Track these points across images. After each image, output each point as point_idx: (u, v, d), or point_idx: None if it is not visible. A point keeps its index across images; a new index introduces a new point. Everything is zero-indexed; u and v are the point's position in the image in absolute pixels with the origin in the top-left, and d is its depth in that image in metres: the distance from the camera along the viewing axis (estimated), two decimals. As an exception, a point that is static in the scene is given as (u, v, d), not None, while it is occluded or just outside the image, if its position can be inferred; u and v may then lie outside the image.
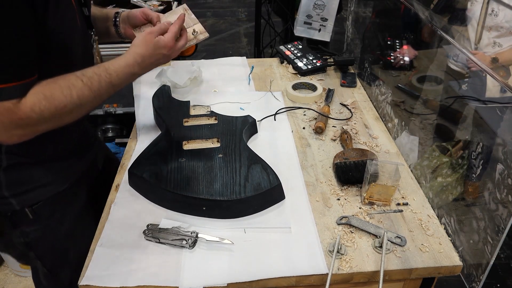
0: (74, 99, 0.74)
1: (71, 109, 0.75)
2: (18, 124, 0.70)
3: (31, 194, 0.90)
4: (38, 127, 0.73)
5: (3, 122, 0.69)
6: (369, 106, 1.35)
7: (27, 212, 0.90)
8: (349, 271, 0.80)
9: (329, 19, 1.66)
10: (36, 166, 0.89)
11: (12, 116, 0.68)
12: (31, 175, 0.89)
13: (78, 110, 0.77)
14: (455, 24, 1.03)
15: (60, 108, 0.73)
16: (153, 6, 2.48)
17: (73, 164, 0.96)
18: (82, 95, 0.75)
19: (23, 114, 0.69)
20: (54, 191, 0.92)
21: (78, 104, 0.75)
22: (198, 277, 0.78)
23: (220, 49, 4.24)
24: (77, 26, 0.83)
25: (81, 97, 0.75)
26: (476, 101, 0.93)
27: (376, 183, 0.93)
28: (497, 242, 0.76)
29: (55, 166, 0.92)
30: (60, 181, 0.93)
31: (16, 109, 0.68)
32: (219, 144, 1.05)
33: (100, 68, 0.80)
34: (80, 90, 0.75)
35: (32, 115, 0.70)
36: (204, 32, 0.97)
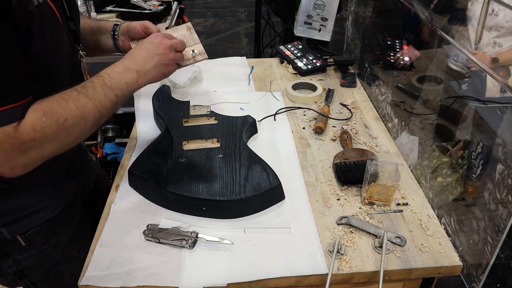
0: (73, 110, 0.68)
1: (74, 122, 0.69)
2: (21, 150, 0.64)
3: (23, 222, 0.85)
4: (43, 149, 0.67)
5: (5, 150, 0.62)
6: (369, 106, 1.35)
7: (19, 240, 0.85)
8: (349, 271, 0.80)
9: (329, 19, 1.66)
10: (28, 191, 0.84)
11: (13, 142, 0.62)
12: (23, 202, 0.84)
13: (82, 124, 0.70)
14: (455, 24, 1.03)
15: (61, 123, 0.67)
16: (153, 6, 2.48)
17: (67, 187, 0.92)
18: (81, 105, 0.70)
19: (25, 136, 0.63)
20: (48, 216, 0.88)
21: (79, 116, 0.69)
22: (198, 277, 0.78)
23: (220, 49, 4.24)
24: (64, 43, 0.78)
25: (80, 108, 0.69)
26: (476, 101, 0.93)
27: (376, 183, 0.93)
28: (497, 242, 0.76)
29: (49, 191, 0.87)
30: (54, 206, 0.89)
31: (17, 133, 0.63)
32: (219, 144, 1.05)
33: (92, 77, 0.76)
34: (76, 99, 0.70)
35: (35, 136, 0.64)
36: (204, 53, 0.95)
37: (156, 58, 0.82)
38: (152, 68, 0.81)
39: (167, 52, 0.84)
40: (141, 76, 0.80)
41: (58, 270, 0.95)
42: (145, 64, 0.81)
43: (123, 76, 0.78)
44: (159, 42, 0.84)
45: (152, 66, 0.81)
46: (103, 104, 0.73)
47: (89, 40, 0.98)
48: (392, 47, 1.31)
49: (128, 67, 0.79)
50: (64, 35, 0.78)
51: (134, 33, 0.96)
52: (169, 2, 2.62)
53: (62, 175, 0.90)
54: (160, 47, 0.83)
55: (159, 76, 0.84)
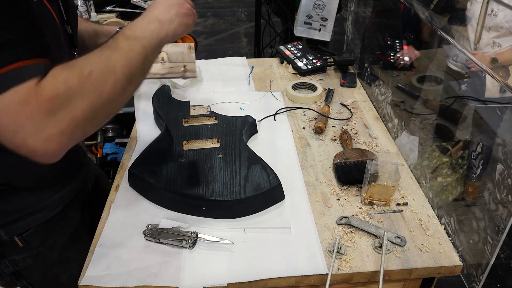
0: (97, 62, 0.62)
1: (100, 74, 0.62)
2: (49, 110, 0.56)
3: (20, 223, 0.83)
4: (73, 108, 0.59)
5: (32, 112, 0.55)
6: (369, 106, 1.35)
7: (16, 241, 0.84)
8: (349, 271, 0.80)
9: (329, 18, 1.66)
10: (25, 192, 0.83)
11: (38, 100, 0.55)
12: (21, 203, 0.83)
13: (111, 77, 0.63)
14: (455, 24, 1.03)
15: (86, 75, 0.60)
16: (153, 6, 2.48)
17: (65, 187, 0.90)
18: (104, 56, 0.64)
19: (49, 91, 0.56)
20: (45, 217, 0.87)
21: (105, 67, 0.63)
22: (198, 277, 0.78)
23: (220, 49, 4.24)
24: (62, 44, 0.76)
25: (104, 60, 0.63)
26: (476, 101, 0.93)
27: (376, 183, 0.93)
28: (497, 242, 0.76)
29: (46, 192, 0.86)
30: (52, 207, 0.88)
31: (39, 89, 0.56)
32: (219, 144, 1.05)
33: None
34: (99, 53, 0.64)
35: (58, 88, 0.57)
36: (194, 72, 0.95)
37: (175, 7, 0.77)
38: (174, 16, 0.76)
39: (183, 1, 0.80)
40: (165, 25, 0.74)
41: (55, 271, 0.95)
42: (166, 13, 0.76)
43: (145, 26, 0.72)
44: None
45: (173, 14, 0.76)
46: (129, 55, 0.67)
47: (89, 43, 0.97)
48: (392, 47, 1.31)
49: (149, 18, 0.74)
50: (61, 37, 0.76)
51: None
52: (169, 2, 2.62)
53: (59, 176, 0.89)
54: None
55: (183, 26, 0.79)
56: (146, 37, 0.70)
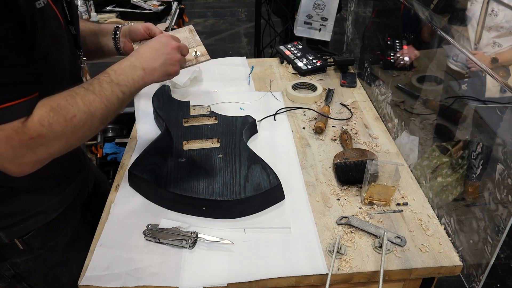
0: (81, 106, 0.68)
1: (82, 119, 0.68)
2: (30, 146, 0.63)
3: (21, 226, 0.84)
4: (51, 146, 0.66)
5: (13, 146, 0.62)
6: (369, 106, 1.35)
7: (17, 243, 0.85)
8: (349, 271, 0.80)
9: (329, 18, 1.66)
10: (26, 195, 0.83)
11: (22, 137, 0.62)
12: (21, 205, 0.84)
13: (89, 120, 0.70)
14: (455, 24, 1.03)
15: (69, 119, 0.67)
16: (153, 6, 2.48)
17: (66, 189, 0.91)
18: (88, 101, 0.70)
19: (33, 132, 0.63)
20: (46, 219, 0.87)
21: (87, 112, 0.69)
22: (198, 277, 0.78)
23: (220, 49, 4.24)
24: (66, 46, 0.78)
25: (87, 104, 0.69)
26: (476, 101, 0.93)
27: (376, 183, 0.93)
28: (497, 242, 0.76)
29: (47, 194, 0.87)
30: (52, 209, 0.89)
31: (25, 128, 0.62)
32: (219, 144, 1.05)
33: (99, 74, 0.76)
34: (84, 96, 0.70)
35: (42, 131, 0.64)
36: (206, 54, 0.95)
37: (163, 58, 0.83)
38: (158, 67, 0.82)
39: (174, 52, 0.84)
40: (147, 74, 0.80)
41: (56, 273, 0.95)
42: (152, 62, 0.81)
43: (129, 73, 0.78)
44: (166, 42, 0.84)
45: (158, 65, 0.82)
46: (110, 100, 0.73)
47: (90, 43, 0.98)
48: (392, 47, 1.31)
49: (134, 64, 0.79)
50: (65, 39, 0.78)
51: (137, 35, 0.96)
52: (169, 2, 2.62)
53: (60, 178, 0.89)
54: (167, 47, 0.84)
55: (164, 76, 0.84)
56: (127, 85, 0.77)
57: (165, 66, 0.83)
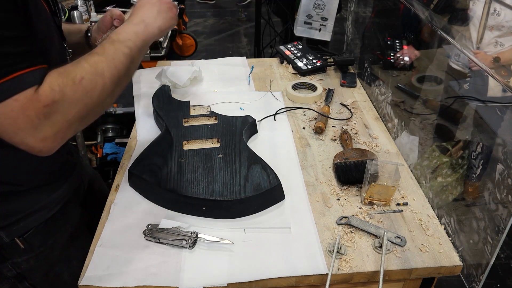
0: (86, 67, 0.68)
1: (91, 80, 0.67)
2: (46, 115, 0.62)
3: (20, 224, 0.84)
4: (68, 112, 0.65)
5: (30, 116, 0.61)
6: (369, 106, 1.35)
7: (17, 242, 0.85)
8: (349, 271, 0.80)
9: (329, 18, 1.66)
10: (25, 193, 0.84)
11: (36, 105, 0.61)
12: (20, 204, 0.84)
13: (100, 81, 0.69)
14: (455, 24, 1.03)
15: (78, 81, 0.66)
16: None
17: (62, 186, 0.91)
18: (93, 62, 0.69)
19: (46, 98, 0.62)
20: (44, 217, 0.88)
21: (94, 72, 0.68)
22: (198, 277, 0.78)
23: (220, 49, 4.24)
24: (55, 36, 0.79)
25: (93, 65, 0.68)
26: (476, 101, 0.92)
27: (376, 183, 0.93)
28: (497, 242, 0.76)
29: (45, 191, 0.87)
30: (50, 207, 0.89)
31: (37, 96, 0.61)
32: (219, 144, 1.05)
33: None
34: (88, 58, 0.69)
35: (54, 96, 0.63)
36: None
37: (157, 5, 0.83)
38: (157, 15, 0.82)
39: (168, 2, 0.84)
40: (149, 25, 0.80)
41: (57, 270, 0.95)
42: (148, 14, 0.81)
43: (130, 29, 0.77)
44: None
45: (156, 13, 0.82)
46: (116, 58, 0.72)
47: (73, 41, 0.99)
48: (392, 47, 1.31)
49: (132, 20, 0.79)
50: (53, 30, 0.79)
51: (105, 24, 0.96)
52: (169, 2, 2.62)
53: (55, 175, 0.90)
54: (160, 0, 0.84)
55: (167, 21, 0.84)
56: (131, 39, 0.75)
57: (162, 12, 0.83)
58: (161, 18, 0.82)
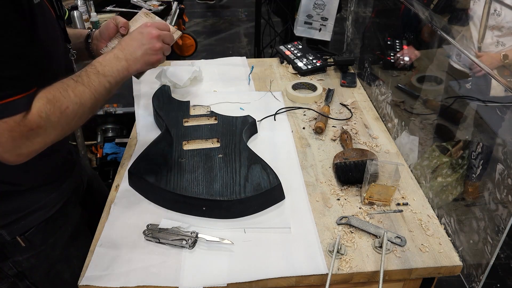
0: (72, 98, 0.73)
1: (74, 109, 0.73)
2: (29, 137, 0.68)
3: (21, 223, 0.86)
4: (48, 136, 0.71)
5: (13, 137, 0.66)
6: (369, 106, 1.35)
7: (19, 240, 0.86)
8: (349, 271, 0.80)
9: (329, 18, 1.66)
10: (25, 192, 0.85)
11: (22, 129, 0.66)
12: (21, 203, 0.85)
13: (81, 110, 0.75)
14: (455, 24, 1.03)
15: (63, 110, 0.71)
16: (153, 6, 2.48)
17: (62, 184, 0.93)
18: (78, 92, 0.74)
19: (33, 124, 0.67)
20: (44, 216, 0.89)
21: (78, 103, 0.74)
22: (198, 277, 0.78)
23: (220, 49, 4.24)
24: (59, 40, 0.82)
25: (78, 95, 0.74)
26: (477, 101, 0.92)
27: (376, 183, 0.93)
28: (497, 242, 0.76)
29: (45, 190, 0.89)
30: (50, 205, 0.90)
31: (25, 121, 0.66)
32: (219, 144, 1.05)
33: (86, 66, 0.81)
34: (74, 87, 0.74)
35: (40, 123, 0.68)
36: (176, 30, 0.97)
37: (144, 48, 0.86)
38: (140, 57, 0.86)
39: (155, 41, 0.87)
40: (131, 64, 0.85)
41: (57, 269, 0.96)
42: (133, 53, 0.85)
43: (114, 64, 0.83)
44: (148, 33, 0.88)
45: (140, 55, 0.86)
46: (98, 90, 0.78)
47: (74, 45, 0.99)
48: (392, 47, 1.31)
49: (117, 55, 0.84)
50: (58, 33, 0.81)
51: (109, 30, 0.97)
52: (169, 2, 2.62)
53: (54, 174, 0.91)
54: (148, 37, 0.87)
55: (147, 65, 0.88)
56: (113, 75, 0.82)
57: (146, 56, 0.87)
58: (143, 61, 0.87)
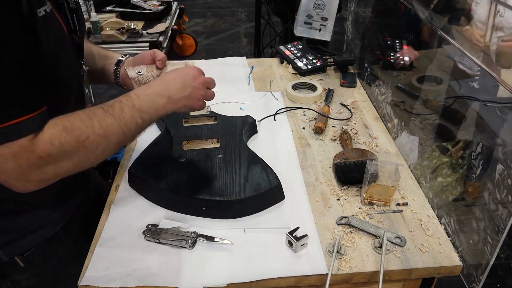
0: (97, 128, 0.66)
1: (96, 141, 0.66)
2: (37, 165, 0.61)
3: (20, 242, 0.81)
4: (60, 166, 0.64)
5: (20, 165, 0.60)
6: (369, 106, 1.35)
7: (17, 261, 0.82)
8: (348, 271, 0.80)
9: (329, 18, 1.66)
10: (24, 210, 0.81)
11: (29, 156, 0.60)
12: (21, 221, 0.81)
13: (104, 143, 0.68)
14: (455, 24, 1.03)
15: (82, 140, 0.64)
16: (153, 6, 2.48)
17: (66, 203, 0.89)
18: (105, 123, 0.67)
19: (42, 151, 0.61)
20: (46, 235, 0.85)
21: (102, 135, 0.67)
22: (197, 277, 0.78)
23: (220, 49, 4.24)
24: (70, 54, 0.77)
25: (104, 126, 0.67)
26: (477, 101, 0.92)
27: (376, 183, 0.93)
28: (497, 242, 0.76)
29: (47, 208, 0.84)
30: (53, 224, 0.86)
31: (33, 146, 0.60)
32: (219, 144, 1.05)
33: (120, 96, 0.74)
34: (101, 118, 0.67)
35: (52, 151, 0.61)
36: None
37: (189, 90, 0.81)
38: (182, 98, 0.80)
39: (200, 87, 0.83)
40: (171, 103, 0.79)
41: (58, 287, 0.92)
42: (177, 92, 0.80)
43: (153, 100, 0.76)
44: (195, 75, 0.83)
45: (183, 96, 0.80)
46: (128, 126, 0.71)
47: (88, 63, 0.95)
48: (392, 47, 1.31)
49: (160, 91, 0.78)
50: (69, 48, 0.77)
51: (144, 60, 0.94)
52: (169, 2, 2.62)
53: (59, 193, 0.86)
54: (195, 81, 0.82)
55: (187, 108, 0.83)
56: (149, 112, 0.75)
57: (189, 99, 0.81)
58: (184, 104, 0.81)
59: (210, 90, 0.87)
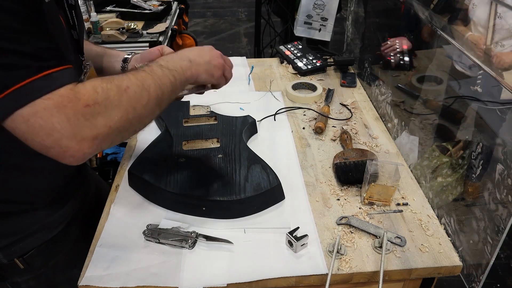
0: (133, 80, 0.66)
1: (136, 92, 0.65)
2: (86, 115, 0.58)
3: (19, 245, 0.81)
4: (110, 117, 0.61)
5: (68, 116, 0.56)
6: (369, 106, 1.35)
7: (17, 263, 0.82)
8: (348, 271, 0.80)
9: (329, 18, 1.66)
10: (25, 213, 0.81)
11: (75, 104, 0.57)
12: (21, 224, 0.81)
13: (145, 95, 0.66)
14: (455, 24, 1.03)
15: (123, 89, 0.63)
16: (153, 6, 2.48)
17: (65, 205, 0.88)
18: (141, 77, 0.67)
19: (88, 98, 0.58)
20: (46, 237, 0.84)
21: (140, 86, 0.66)
22: (197, 277, 0.78)
23: (220, 49, 4.20)
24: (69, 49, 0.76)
25: (140, 79, 0.67)
26: (477, 101, 0.92)
27: (376, 183, 0.93)
28: (497, 242, 0.76)
29: (46, 210, 0.84)
30: (52, 226, 0.85)
31: (76, 94, 0.57)
32: (219, 144, 1.05)
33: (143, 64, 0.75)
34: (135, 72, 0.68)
35: (97, 97, 0.59)
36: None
37: (208, 56, 0.83)
38: (203, 63, 0.81)
39: (218, 56, 0.85)
40: (194, 66, 0.79)
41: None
42: (196, 57, 0.81)
43: (177, 61, 0.77)
44: (210, 48, 0.86)
45: (203, 61, 0.81)
46: (162, 80, 0.71)
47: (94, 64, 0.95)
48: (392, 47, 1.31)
49: (180, 56, 0.79)
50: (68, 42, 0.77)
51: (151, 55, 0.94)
52: (169, 2, 2.62)
53: (59, 194, 0.86)
54: (212, 51, 0.85)
55: (208, 74, 0.83)
56: (177, 71, 0.75)
57: (210, 65, 0.82)
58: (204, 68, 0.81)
59: (228, 67, 0.88)
